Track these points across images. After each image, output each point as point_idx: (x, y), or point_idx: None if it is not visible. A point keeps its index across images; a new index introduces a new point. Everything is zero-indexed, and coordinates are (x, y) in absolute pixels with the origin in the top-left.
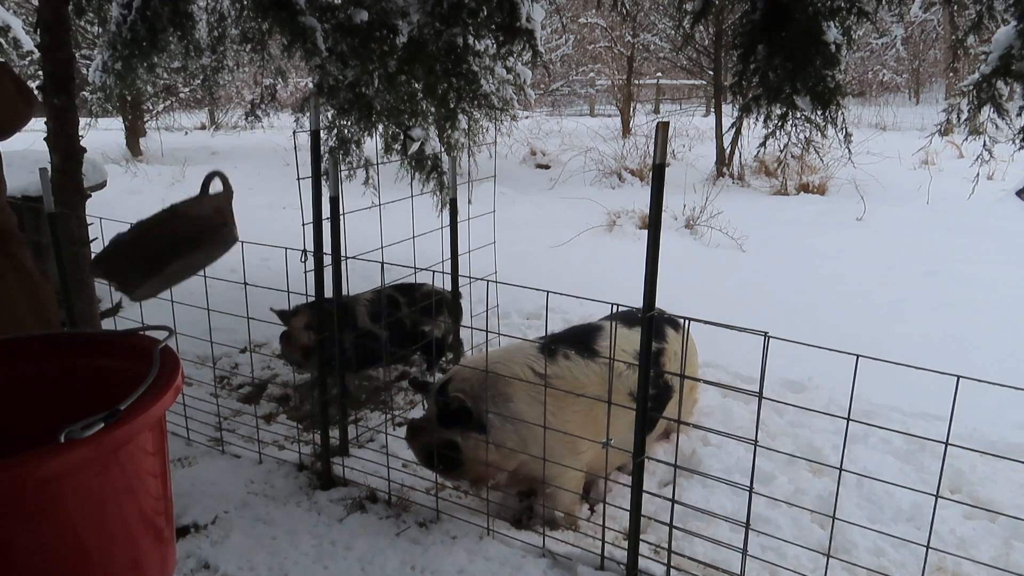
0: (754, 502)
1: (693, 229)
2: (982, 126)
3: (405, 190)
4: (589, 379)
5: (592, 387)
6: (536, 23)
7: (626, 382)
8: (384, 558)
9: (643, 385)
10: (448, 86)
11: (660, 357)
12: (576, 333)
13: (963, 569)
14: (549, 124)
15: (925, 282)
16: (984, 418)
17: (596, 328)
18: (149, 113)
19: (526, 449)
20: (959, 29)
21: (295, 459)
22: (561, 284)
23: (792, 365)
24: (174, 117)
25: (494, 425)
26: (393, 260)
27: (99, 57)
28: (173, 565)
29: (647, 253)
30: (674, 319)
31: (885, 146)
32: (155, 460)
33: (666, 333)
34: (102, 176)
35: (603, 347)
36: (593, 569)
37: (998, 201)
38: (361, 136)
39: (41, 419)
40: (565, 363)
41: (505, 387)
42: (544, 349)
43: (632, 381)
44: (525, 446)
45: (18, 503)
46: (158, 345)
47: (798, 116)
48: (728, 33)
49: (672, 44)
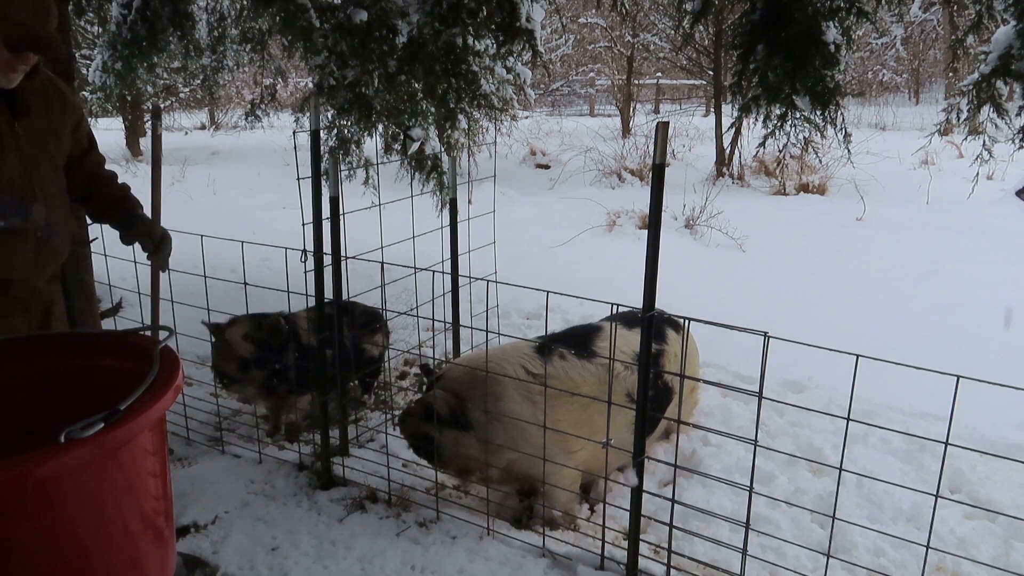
0: (754, 502)
1: (693, 229)
2: (982, 126)
3: (405, 190)
4: (584, 379)
5: (587, 387)
6: (536, 23)
7: (624, 383)
8: (384, 558)
9: (643, 385)
10: (448, 86)
11: (660, 358)
12: (575, 333)
13: (963, 569)
14: (549, 124)
15: (925, 282)
16: (984, 418)
17: (595, 328)
18: (149, 113)
19: (515, 447)
20: (959, 29)
21: (295, 459)
22: (561, 284)
23: (792, 365)
24: (174, 117)
25: (479, 422)
26: (393, 260)
27: (99, 57)
28: (173, 565)
29: (647, 253)
30: (674, 320)
31: (885, 146)
32: (155, 460)
33: (666, 334)
34: None
35: (601, 347)
36: (593, 569)
37: (998, 201)
38: (361, 136)
39: (41, 419)
40: (560, 363)
41: (495, 385)
42: (540, 348)
43: (630, 382)
44: (515, 444)
45: (18, 503)
46: (158, 345)
47: (797, 116)
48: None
49: (672, 44)
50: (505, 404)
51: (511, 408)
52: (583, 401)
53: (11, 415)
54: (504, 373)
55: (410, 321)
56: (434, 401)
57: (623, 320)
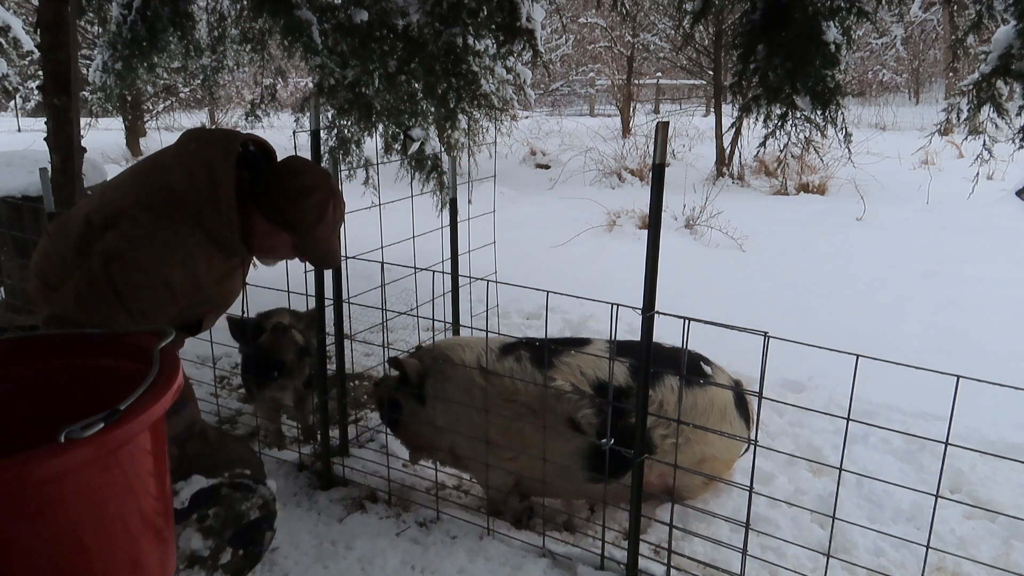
0: (754, 502)
1: (693, 229)
2: (982, 126)
3: (405, 190)
4: (526, 389)
5: (525, 397)
6: (536, 23)
7: (566, 405)
8: (384, 558)
9: (643, 384)
10: (448, 86)
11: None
12: (564, 339)
13: (963, 569)
14: (549, 124)
15: (925, 282)
16: (984, 418)
17: (582, 342)
18: (149, 113)
19: (454, 431)
20: (959, 29)
21: (295, 459)
22: (561, 284)
23: (792, 365)
24: (174, 117)
25: (428, 400)
26: (393, 260)
27: (99, 57)
28: (173, 565)
29: (647, 253)
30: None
31: (885, 146)
32: (155, 460)
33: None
34: (102, 176)
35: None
36: (593, 569)
37: (998, 201)
38: (361, 136)
39: (41, 419)
40: (512, 365)
41: (450, 369)
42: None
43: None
44: (453, 429)
45: (18, 503)
46: (158, 345)
47: (798, 116)
48: (728, 33)
49: (672, 44)
50: (449, 389)
51: (453, 394)
52: (517, 410)
53: (11, 415)
54: (460, 360)
55: (410, 321)
56: (406, 363)
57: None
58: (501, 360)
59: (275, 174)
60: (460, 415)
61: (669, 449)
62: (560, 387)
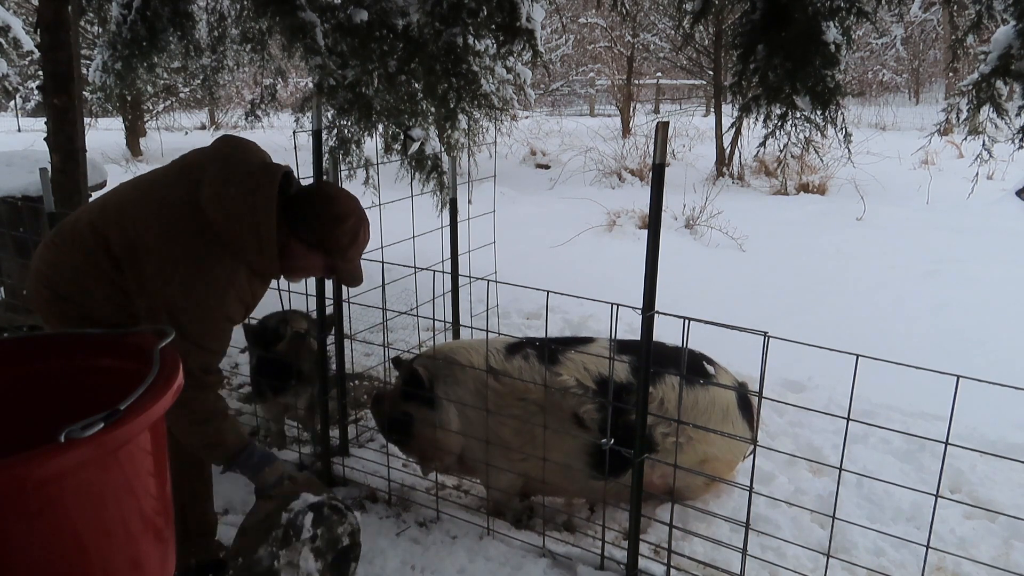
0: (754, 502)
1: (693, 229)
2: (981, 126)
3: (405, 190)
4: (536, 388)
5: (535, 395)
6: (536, 23)
7: (571, 401)
8: (384, 558)
9: (643, 385)
10: (448, 86)
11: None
12: (567, 338)
13: (963, 569)
14: (549, 124)
15: (925, 282)
16: (984, 418)
17: (584, 340)
18: (149, 113)
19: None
20: (959, 29)
21: (295, 459)
22: (561, 284)
23: (792, 365)
24: (174, 117)
25: (441, 405)
26: (393, 260)
27: (99, 57)
28: (173, 565)
29: (647, 253)
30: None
31: (885, 146)
32: (155, 460)
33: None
34: (102, 176)
35: (567, 359)
36: (593, 569)
37: (998, 201)
38: (361, 136)
39: (41, 419)
40: (520, 363)
41: (460, 372)
42: (513, 346)
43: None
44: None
45: (18, 503)
46: (158, 345)
47: (798, 116)
48: (728, 33)
49: (672, 44)
50: (462, 392)
51: (464, 396)
52: (530, 409)
53: (11, 415)
54: (469, 362)
55: (410, 321)
56: (420, 368)
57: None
58: (509, 360)
59: (308, 201)
60: (473, 418)
61: (671, 448)
62: (566, 382)
